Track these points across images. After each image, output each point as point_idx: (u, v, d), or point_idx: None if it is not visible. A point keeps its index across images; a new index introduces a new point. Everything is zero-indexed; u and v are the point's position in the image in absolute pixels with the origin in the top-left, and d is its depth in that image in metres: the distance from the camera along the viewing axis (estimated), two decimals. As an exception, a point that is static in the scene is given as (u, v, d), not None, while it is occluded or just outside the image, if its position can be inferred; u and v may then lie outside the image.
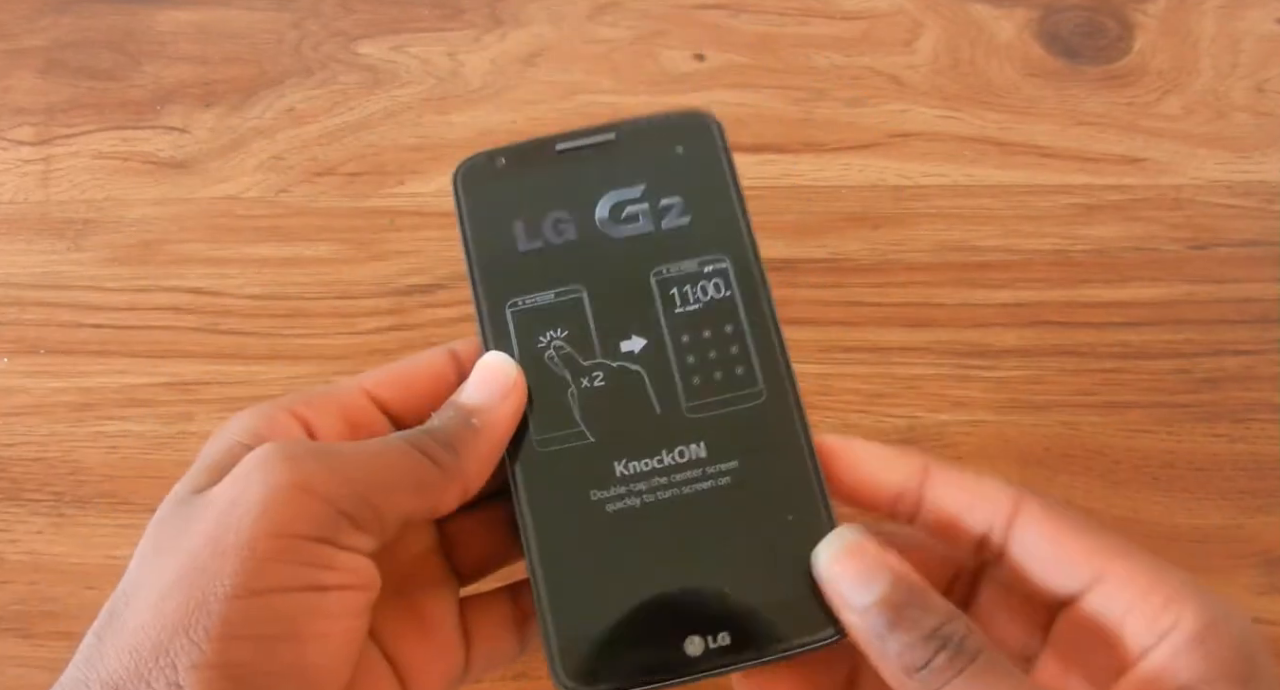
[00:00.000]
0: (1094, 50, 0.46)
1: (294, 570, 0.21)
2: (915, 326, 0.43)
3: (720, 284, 0.27)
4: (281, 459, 0.22)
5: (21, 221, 0.45)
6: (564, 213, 0.28)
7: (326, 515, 0.22)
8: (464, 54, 0.46)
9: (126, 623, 0.21)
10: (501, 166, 0.28)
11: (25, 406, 0.42)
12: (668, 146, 0.28)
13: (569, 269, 0.27)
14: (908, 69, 0.46)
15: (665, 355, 0.27)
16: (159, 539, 0.22)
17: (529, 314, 0.27)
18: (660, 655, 0.24)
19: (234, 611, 0.20)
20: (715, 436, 0.26)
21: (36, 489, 0.41)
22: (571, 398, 0.26)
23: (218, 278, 0.44)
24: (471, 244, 0.28)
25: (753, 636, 0.25)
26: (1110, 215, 0.44)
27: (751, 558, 0.25)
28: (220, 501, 0.22)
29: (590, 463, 0.26)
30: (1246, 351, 0.42)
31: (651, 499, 0.26)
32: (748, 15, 0.46)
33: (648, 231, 0.27)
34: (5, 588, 0.40)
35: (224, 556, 0.21)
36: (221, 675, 0.20)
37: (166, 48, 0.47)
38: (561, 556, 0.25)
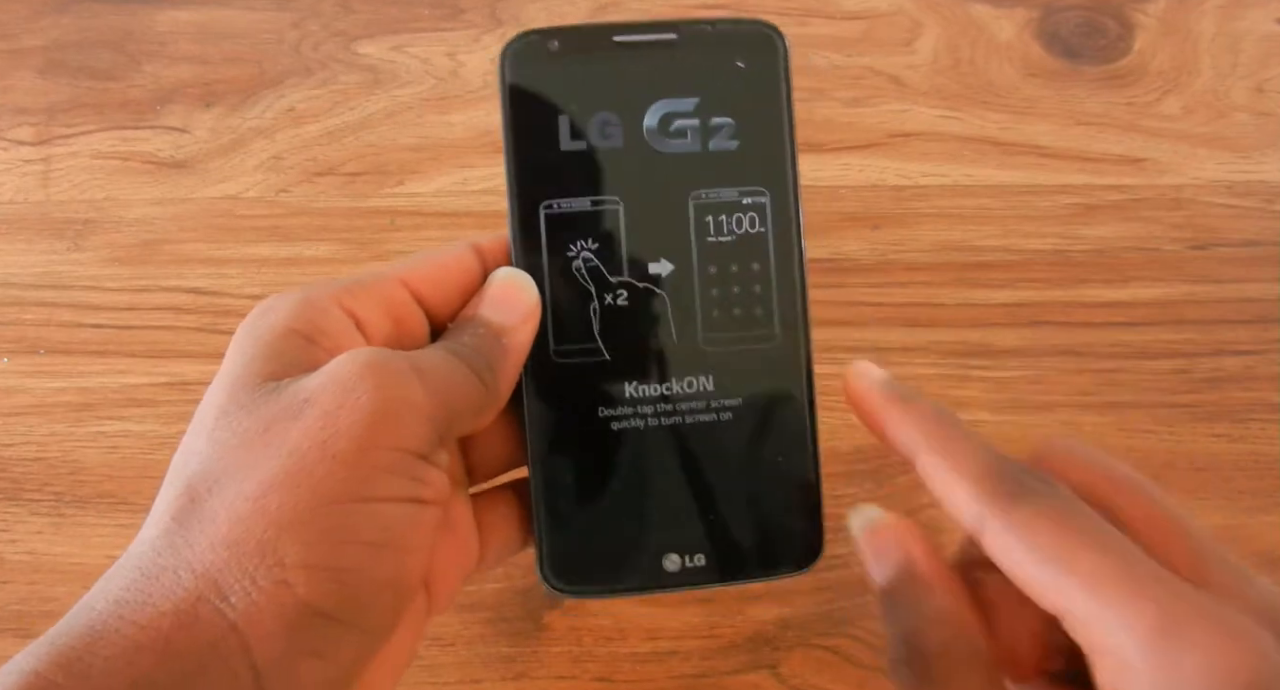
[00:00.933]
0: (1094, 50, 0.46)
1: (401, 482, 0.22)
2: (915, 326, 0.43)
3: (756, 218, 0.27)
4: (387, 371, 0.22)
5: (21, 221, 0.45)
6: (612, 115, 0.26)
7: (428, 433, 0.22)
8: (464, 54, 0.46)
9: (217, 513, 0.21)
10: (554, 50, 0.27)
11: (25, 406, 0.42)
12: (728, 58, 0.27)
13: (609, 178, 0.26)
14: (908, 69, 0.46)
15: (691, 283, 0.26)
16: (241, 428, 0.22)
17: (562, 219, 0.26)
18: (640, 567, 0.26)
19: (346, 516, 0.21)
20: (724, 372, 0.27)
21: (36, 489, 0.41)
22: (593, 312, 0.26)
23: (218, 278, 0.44)
24: (512, 134, 0.26)
25: (726, 561, 0.26)
26: (1110, 215, 0.44)
27: (737, 490, 0.27)
28: (323, 403, 0.21)
29: (602, 380, 0.26)
30: (1246, 351, 0.42)
31: (655, 423, 0.26)
32: (748, 15, 0.46)
33: (694, 151, 0.27)
34: (5, 588, 0.40)
35: (335, 461, 0.21)
36: (330, 577, 0.20)
37: (166, 48, 0.47)
38: (561, 466, 0.26)
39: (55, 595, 0.40)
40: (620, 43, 0.27)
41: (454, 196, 0.44)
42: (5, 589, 0.40)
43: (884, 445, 0.25)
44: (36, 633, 0.40)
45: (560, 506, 0.26)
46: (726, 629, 0.40)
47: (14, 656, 0.19)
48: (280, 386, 0.22)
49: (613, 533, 0.26)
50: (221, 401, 0.23)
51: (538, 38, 0.27)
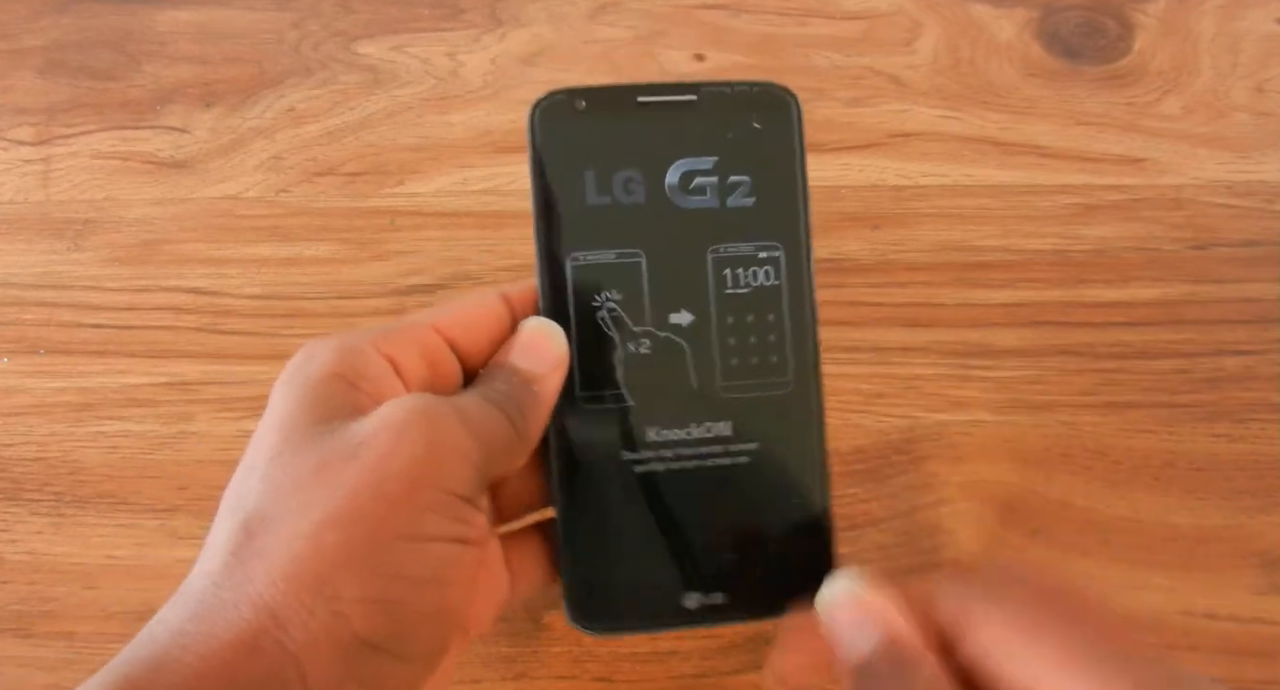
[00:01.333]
0: (1094, 50, 0.46)
1: (448, 523, 0.23)
2: (915, 326, 0.43)
3: (771, 272, 0.28)
4: (436, 416, 0.24)
5: (21, 221, 0.45)
6: (635, 172, 0.28)
7: (474, 477, 0.24)
8: (464, 54, 0.46)
9: (274, 550, 0.22)
10: (581, 109, 0.28)
11: (25, 406, 0.42)
12: (745, 118, 0.28)
13: (633, 232, 0.28)
14: (908, 69, 0.46)
15: (709, 333, 0.28)
16: (298, 470, 0.23)
17: (589, 270, 0.28)
18: (661, 605, 0.27)
19: (396, 554, 0.22)
20: (741, 417, 0.28)
21: (36, 489, 0.41)
22: (617, 359, 0.28)
23: (218, 278, 0.44)
24: (540, 188, 0.28)
25: (743, 599, 0.28)
26: (1110, 215, 0.44)
27: (754, 530, 0.28)
28: (377, 447, 0.23)
29: (626, 424, 0.28)
30: (1246, 351, 0.42)
31: (676, 466, 0.28)
32: (748, 15, 0.46)
33: (712, 207, 0.28)
34: (5, 588, 0.40)
35: (388, 503, 0.22)
36: (381, 610, 0.22)
37: (166, 48, 0.47)
38: (585, 507, 0.28)
39: (55, 595, 0.40)
40: (643, 103, 0.28)
41: (454, 196, 0.44)
42: (5, 589, 0.40)
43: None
44: (36, 633, 0.40)
45: (584, 548, 0.27)
46: (726, 629, 0.40)
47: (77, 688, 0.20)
48: (333, 429, 0.23)
49: (635, 572, 0.28)
50: (274, 443, 0.24)
51: (565, 97, 0.28)
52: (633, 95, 0.28)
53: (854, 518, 0.41)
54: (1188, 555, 0.41)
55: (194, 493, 0.41)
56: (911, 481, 0.41)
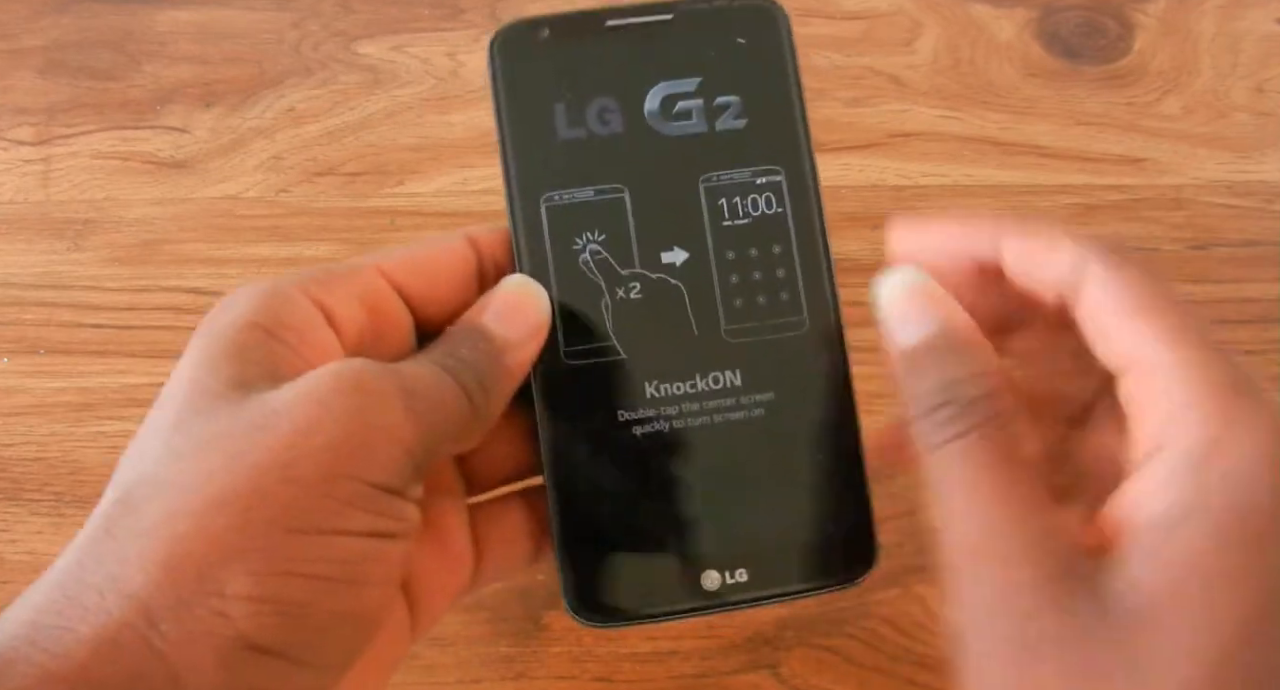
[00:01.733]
0: (1094, 50, 0.46)
1: (366, 516, 0.20)
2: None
3: (772, 198, 0.25)
4: (369, 392, 0.20)
5: (21, 221, 0.45)
6: (610, 100, 0.25)
7: (406, 466, 0.20)
8: (464, 54, 0.46)
9: (156, 527, 0.19)
10: (545, 38, 0.25)
11: (25, 406, 0.42)
12: (728, 36, 0.25)
13: (612, 165, 0.25)
14: (908, 69, 0.46)
15: (708, 271, 0.25)
16: (197, 434, 0.20)
17: (566, 211, 0.25)
18: (676, 588, 0.24)
19: (299, 547, 0.19)
20: (752, 364, 0.25)
21: (36, 489, 0.41)
22: (605, 309, 0.24)
23: (218, 278, 0.44)
24: (506, 125, 0.25)
25: (770, 574, 0.24)
26: (1110, 215, 0.44)
27: (777, 495, 0.24)
28: (293, 420, 0.19)
29: (620, 381, 0.24)
30: (1246, 351, 0.42)
31: (681, 425, 0.24)
32: (748, 15, 0.46)
33: (700, 132, 0.25)
34: (5, 588, 0.40)
35: (297, 486, 0.19)
36: (275, 610, 0.18)
37: (166, 48, 0.47)
38: (582, 479, 0.24)
39: (55, 595, 0.40)
40: (614, 26, 0.25)
41: (454, 196, 0.44)
42: (5, 589, 0.40)
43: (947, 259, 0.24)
44: (36, 633, 0.40)
45: (584, 527, 0.24)
46: (726, 629, 0.40)
47: None
48: (246, 394, 0.20)
49: (644, 551, 0.24)
50: (179, 404, 0.21)
51: (527, 26, 0.25)
52: (601, 19, 0.25)
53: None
54: (1188, 555, 0.41)
55: (194, 493, 0.41)
56: (912, 481, 0.41)
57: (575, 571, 0.24)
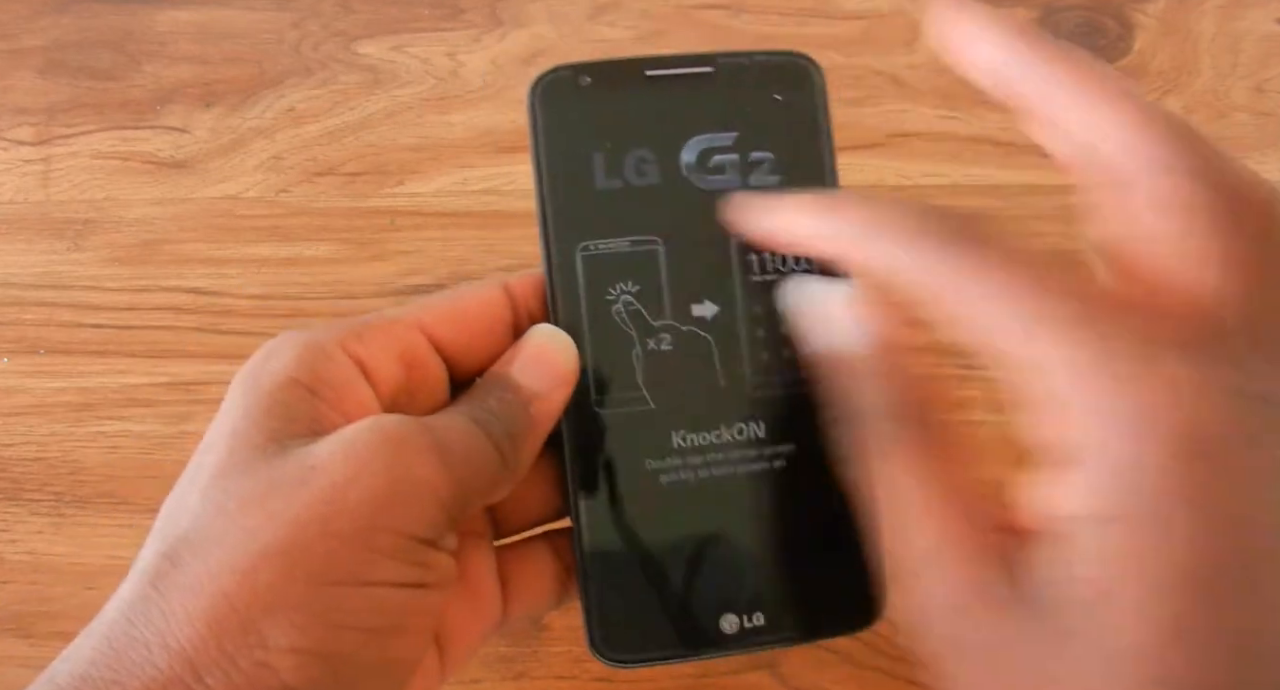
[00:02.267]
0: (1094, 50, 0.46)
1: (404, 568, 0.20)
2: (915, 326, 0.42)
3: (800, 255, 0.25)
4: (405, 448, 0.21)
5: (21, 221, 0.45)
6: (648, 152, 0.25)
7: (440, 518, 0.21)
8: (464, 54, 0.46)
9: (201, 583, 0.19)
10: (585, 86, 0.25)
11: (25, 406, 0.42)
12: (765, 91, 0.26)
13: (648, 217, 0.25)
14: (908, 69, 0.46)
15: (736, 325, 0.25)
16: (239, 491, 0.20)
17: (601, 261, 0.25)
18: (696, 631, 0.25)
19: (339, 599, 0.19)
20: (775, 417, 0.25)
21: (36, 489, 0.41)
22: (636, 359, 0.25)
23: (218, 278, 0.44)
24: (545, 173, 0.25)
25: (786, 620, 0.25)
26: (1110, 215, 0.44)
27: (795, 542, 0.25)
28: (330, 475, 0.20)
29: (648, 430, 0.25)
30: (1246, 351, 0.42)
31: (705, 474, 0.25)
32: (748, 15, 0.46)
33: (734, 186, 0.25)
34: (5, 588, 0.40)
35: (336, 540, 0.20)
36: (319, 662, 0.19)
37: (166, 48, 0.47)
38: (608, 524, 0.25)
39: (55, 595, 0.40)
40: (654, 76, 0.25)
41: (454, 196, 0.44)
42: (5, 589, 0.40)
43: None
44: (36, 633, 0.40)
45: (608, 569, 0.25)
46: (726, 629, 0.40)
47: None
48: (285, 448, 0.21)
49: (666, 594, 0.25)
50: (220, 457, 0.21)
51: (568, 73, 0.25)
52: (641, 68, 0.25)
53: (854, 518, 0.41)
54: (1188, 555, 0.40)
55: (194, 493, 0.41)
56: (911, 481, 0.41)
57: (599, 612, 0.25)
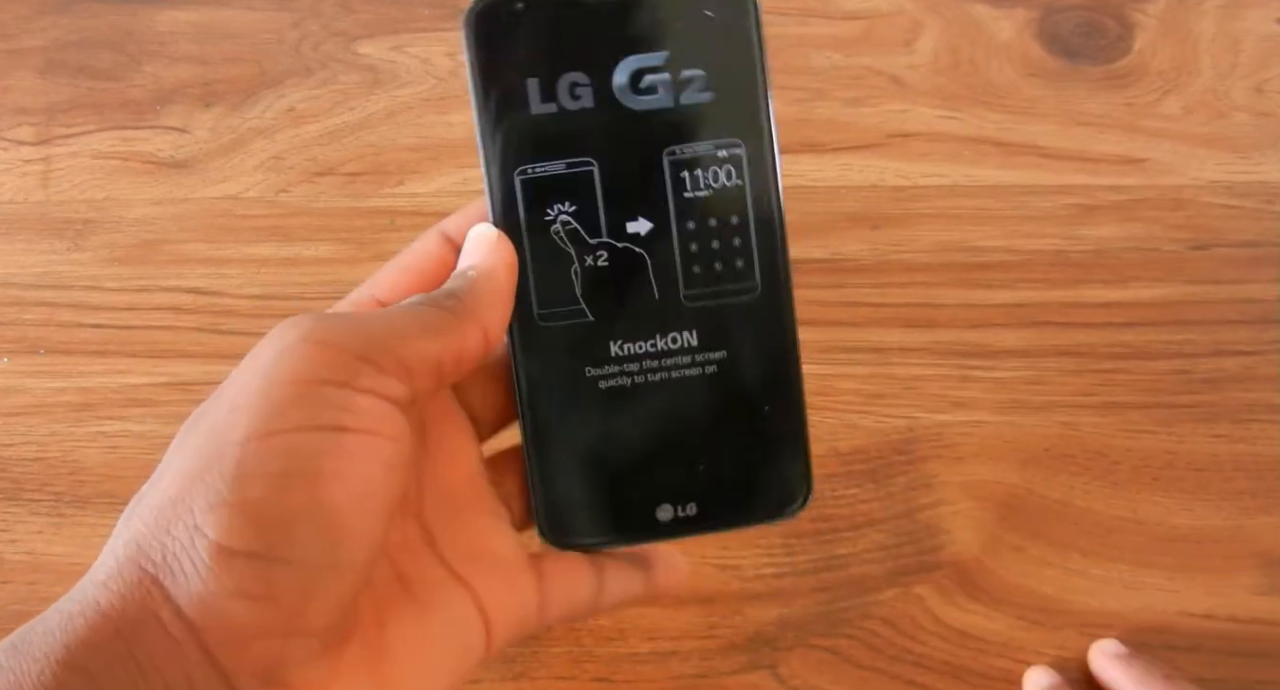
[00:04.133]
0: (1094, 50, 0.46)
1: (309, 411, 0.21)
2: (915, 327, 0.43)
3: (732, 171, 0.27)
4: (291, 325, 0.22)
5: (21, 221, 0.45)
6: (581, 75, 0.26)
7: (341, 361, 0.22)
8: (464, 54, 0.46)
9: (148, 495, 0.22)
10: (519, 11, 0.26)
11: (25, 406, 0.42)
12: (696, 8, 0.26)
13: (582, 139, 0.26)
14: (908, 69, 0.46)
15: (669, 240, 0.27)
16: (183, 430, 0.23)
17: (538, 183, 0.26)
18: (633, 518, 0.27)
19: (247, 453, 0.21)
20: (707, 326, 0.27)
21: (36, 489, 0.41)
22: (574, 275, 0.27)
23: (218, 278, 0.44)
24: (481, 101, 0.26)
25: (717, 509, 0.27)
26: (1110, 215, 0.44)
27: (726, 440, 0.27)
28: (234, 376, 0.22)
29: (588, 340, 0.27)
30: (1246, 352, 0.42)
31: (641, 380, 0.27)
32: (748, 15, 0.46)
33: (666, 106, 0.26)
34: (5, 588, 0.40)
35: (237, 411, 0.21)
36: (237, 512, 0.20)
37: (166, 48, 0.47)
38: (552, 424, 0.27)
39: (55, 595, 0.40)
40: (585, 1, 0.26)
41: (454, 196, 0.44)
42: (5, 589, 0.40)
43: None
44: (36, 633, 0.40)
45: (553, 463, 0.27)
46: (726, 629, 0.40)
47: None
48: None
49: (606, 486, 0.27)
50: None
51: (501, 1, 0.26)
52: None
53: (854, 518, 0.41)
54: (1188, 555, 0.41)
55: (194, 493, 0.41)
56: (911, 482, 0.41)
57: (545, 501, 0.27)
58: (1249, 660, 0.40)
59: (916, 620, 0.40)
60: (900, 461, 0.41)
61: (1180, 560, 0.40)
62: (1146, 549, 0.41)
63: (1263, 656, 0.40)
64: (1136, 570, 0.40)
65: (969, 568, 0.40)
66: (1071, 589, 0.40)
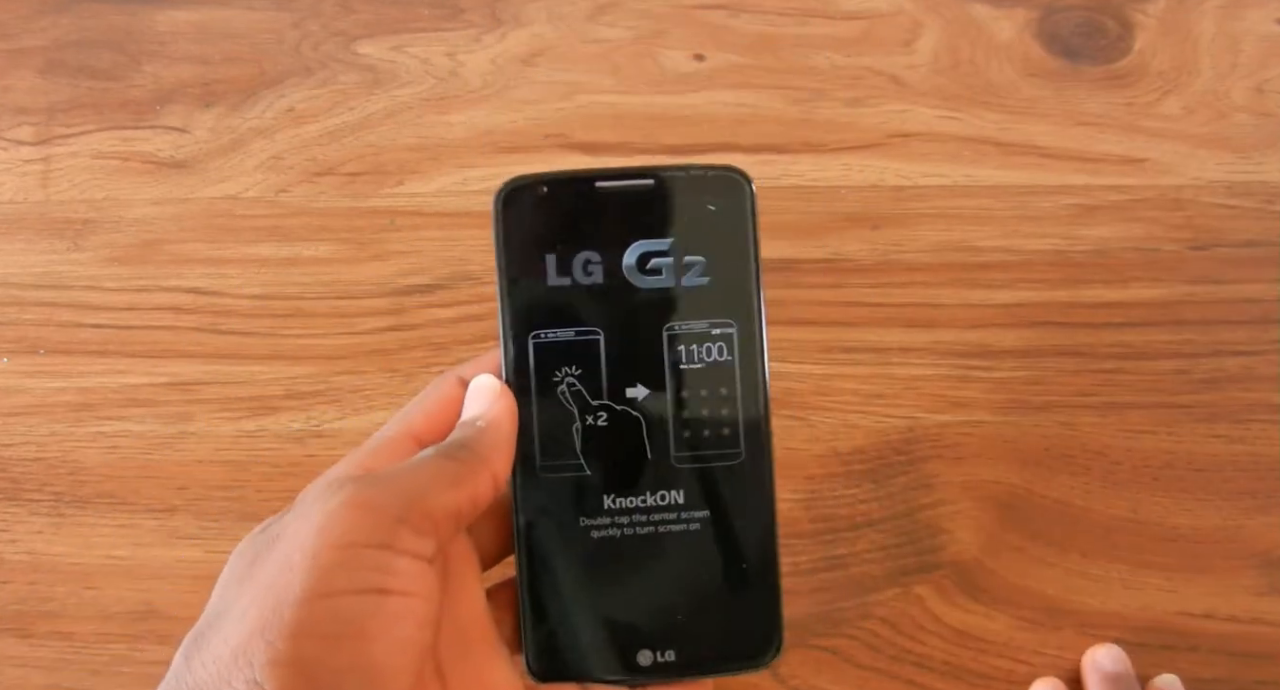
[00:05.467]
0: (1094, 50, 0.46)
1: (357, 575, 0.24)
2: (915, 326, 0.43)
3: (724, 348, 0.29)
4: (335, 487, 0.25)
5: (21, 221, 0.45)
6: (594, 254, 0.29)
7: (381, 523, 0.24)
8: (464, 54, 0.46)
9: (211, 641, 0.23)
10: (543, 195, 0.29)
11: (25, 406, 0.42)
12: (700, 201, 0.29)
13: (591, 311, 0.29)
14: (908, 69, 0.46)
15: (664, 407, 0.29)
16: (237, 571, 0.25)
17: (549, 348, 0.29)
18: (615, 661, 0.29)
19: (303, 614, 0.23)
20: (693, 486, 0.29)
21: (36, 489, 0.41)
22: (575, 432, 0.29)
23: (218, 278, 0.44)
24: (504, 270, 0.29)
25: (694, 657, 0.29)
26: (1110, 215, 0.44)
27: (705, 593, 0.29)
28: (288, 530, 0.25)
29: (584, 493, 0.29)
30: (1246, 352, 0.42)
31: (630, 532, 0.29)
32: (748, 15, 0.46)
33: (668, 286, 0.29)
34: (5, 588, 0.40)
35: (293, 571, 0.23)
36: (293, 671, 0.22)
37: (166, 48, 0.47)
38: (545, 567, 0.29)
39: (55, 595, 0.40)
40: (602, 187, 0.29)
41: (454, 196, 0.44)
42: (5, 589, 0.40)
43: None
44: (36, 633, 0.40)
45: (544, 604, 0.29)
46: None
47: None
48: (265, 526, 0.26)
49: (591, 629, 0.29)
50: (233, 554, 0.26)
51: (528, 183, 0.29)
52: (591, 181, 0.29)
53: (854, 518, 0.41)
54: (1187, 556, 0.41)
55: (193, 493, 0.41)
56: (911, 482, 0.41)
57: (533, 640, 0.29)
58: (1249, 660, 0.40)
59: (916, 620, 0.40)
60: (900, 461, 0.41)
61: (1180, 560, 0.41)
62: (1146, 549, 0.41)
63: (1262, 657, 0.40)
64: (1136, 570, 0.40)
65: (969, 568, 0.40)
66: (1071, 589, 0.40)
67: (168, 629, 0.40)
